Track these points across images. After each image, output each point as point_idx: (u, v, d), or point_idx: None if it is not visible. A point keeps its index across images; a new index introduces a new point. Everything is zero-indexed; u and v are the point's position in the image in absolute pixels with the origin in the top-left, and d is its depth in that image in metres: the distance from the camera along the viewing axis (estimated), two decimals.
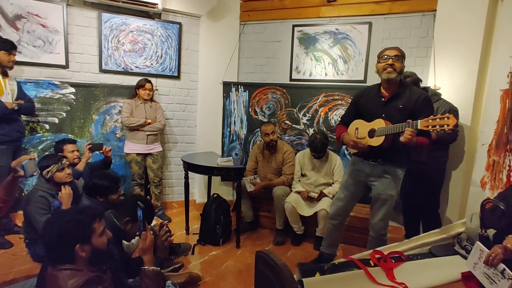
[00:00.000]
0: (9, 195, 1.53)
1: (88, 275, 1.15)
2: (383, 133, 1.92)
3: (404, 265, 1.61)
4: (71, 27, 3.08)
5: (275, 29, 3.57)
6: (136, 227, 1.66)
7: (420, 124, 1.74)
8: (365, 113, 2.11)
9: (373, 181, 2.10)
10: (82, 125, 3.23)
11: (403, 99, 1.96)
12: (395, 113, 1.94)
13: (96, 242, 1.22)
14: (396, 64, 1.92)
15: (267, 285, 1.24)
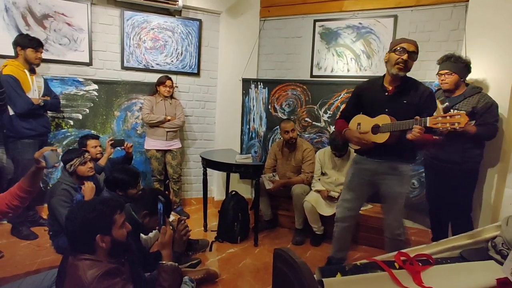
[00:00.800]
0: (32, 186, 1.56)
1: (107, 266, 1.14)
2: (388, 130, 1.83)
3: (432, 269, 1.50)
4: (95, 25, 3.15)
5: (296, 25, 3.50)
6: (154, 221, 1.65)
7: (429, 121, 1.66)
8: (367, 107, 2.01)
9: (381, 179, 2.00)
10: (104, 121, 3.30)
11: (407, 94, 1.88)
12: (399, 108, 1.85)
13: (116, 233, 1.22)
14: (410, 61, 1.83)
15: (285, 283, 1.19)
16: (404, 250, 1.59)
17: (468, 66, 2.37)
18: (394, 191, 1.97)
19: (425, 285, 1.38)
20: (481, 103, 2.27)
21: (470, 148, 2.32)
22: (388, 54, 1.92)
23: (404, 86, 1.90)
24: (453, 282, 1.43)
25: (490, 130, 2.27)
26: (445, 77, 2.35)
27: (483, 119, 2.26)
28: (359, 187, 2.11)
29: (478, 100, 2.28)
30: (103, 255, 1.18)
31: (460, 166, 2.33)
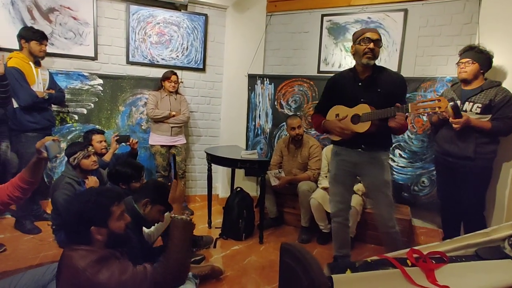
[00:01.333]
0: (34, 177, 1.53)
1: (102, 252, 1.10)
2: (370, 119, 1.84)
3: (446, 267, 1.43)
4: (100, 20, 3.13)
5: (303, 20, 3.44)
6: (156, 210, 1.61)
7: (411, 108, 1.72)
8: (341, 99, 2.00)
9: (363, 169, 2.00)
10: (109, 116, 3.28)
11: (380, 82, 1.90)
12: (374, 97, 1.87)
13: (113, 225, 1.17)
14: (376, 49, 1.85)
15: (293, 279, 1.13)
16: (416, 247, 1.52)
17: (490, 59, 2.29)
18: (377, 180, 1.96)
19: (440, 283, 1.31)
20: (499, 96, 2.18)
21: (483, 144, 2.24)
22: (353, 46, 1.93)
23: (376, 75, 1.92)
24: (469, 281, 1.36)
25: (508, 125, 2.18)
26: (465, 66, 2.27)
27: (501, 113, 2.18)
28: (344, 179, 2.10)
29: (496, 93, 2.20)
30: (99, 247, 1.14)
31: (473, 162, 2.25)
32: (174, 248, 1.22)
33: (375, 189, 1.99)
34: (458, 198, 2.40)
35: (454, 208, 2.47)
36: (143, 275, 1.11)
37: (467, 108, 2.27)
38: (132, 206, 1.61)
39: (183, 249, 1.22)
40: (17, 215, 2.72)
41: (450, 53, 2.86)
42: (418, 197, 2.92)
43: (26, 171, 1.52)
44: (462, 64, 2.30)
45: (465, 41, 2.81)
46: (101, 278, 1.04)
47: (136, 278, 1.09)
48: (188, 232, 1.31)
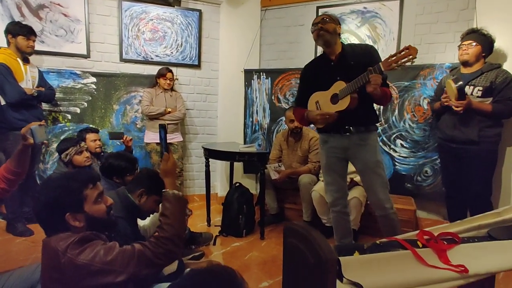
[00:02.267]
0: (20, 167, 1.45)
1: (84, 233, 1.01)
2: (347, 93, 1.79)
3: (458, 247, 1.35)
4: (92, 16, 3.08)
5: (298, 13, 3.40)
6: (151, 201, 1.53)
7: (382, 66, 1.67)
8: (318, 84, 1.97)
9: (353, 153, 1.95)
10: (103, 115, 3.20)
11: (351, 55, 1.89)
12: (349, 72, 1.82)
13: (90, 209, 1.08)
14: (324, 26, 1.83)
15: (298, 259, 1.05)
16: (427, 229, 1.45)
17: (492, 43, 2.26)
18: (369, 161, 1.91)
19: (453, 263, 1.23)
20: (500, 78, 2.14)
21: (487, 127, 2.19)
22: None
23: (345, 51, 1.91)
24: (483, 262, 1.28)
25: (509, 107, 2.13)
26: (467, 47, 2.22)
27: (502, 95, 2.14)
28: (336, 166, 2.04)
29: (497, 75, 2.16)
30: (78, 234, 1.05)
31: (477, 146, 2.20)
32: (165, 221, 1.14)
33: (368, 170, 1.93)
34: (464, 184, 2.34)
35: (460, 195, 2.40)
36: (131, 253, 1.03)
37: (468, 92, 2.23)
38: (126, 196, 1.53)
39: (174, 223, 1.13)
40: (8, 218, 2.62)
41: (448, 40, 2.82)
42: (421, 188, 2.85)
43: (11, 160, 1.44)
44: (465, 46, 2.25)
45: (463, 27, 2.77)
46: (83, 258, 0.96)
47: (123, 257, 1.01)
48: (181, 207, 1.22)
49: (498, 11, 2.46)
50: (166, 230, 1.13)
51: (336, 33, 1.89)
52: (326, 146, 2.05)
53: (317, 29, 1.85)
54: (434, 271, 1.19)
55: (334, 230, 2.19)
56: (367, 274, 1.15)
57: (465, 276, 1.18)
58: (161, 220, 1.17)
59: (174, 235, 1.12)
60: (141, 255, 1.05)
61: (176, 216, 1.16)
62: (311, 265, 0.97)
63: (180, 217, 1.20)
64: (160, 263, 1.10)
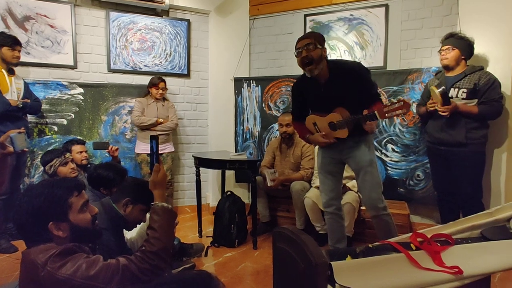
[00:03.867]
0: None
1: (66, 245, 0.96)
2: (344, 126, 1.89)
3: (452, 249, 1.33)
4: (79, 27, 3.06)
5: (286, 21, 3.44)
6: (138, 210, 1.47)
7: (378, 115, 1.76)
8: (312, 104, 2.04)
9: (348, 153, 1.98)
10: (91, 126, 3.15)
11: (339, 77, 1.86)
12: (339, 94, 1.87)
13: (75, 218, 1.03)
14: (311, 53, 1.80)
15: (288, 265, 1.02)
16: (420, 231, 1.42)
17: (471, 45, 2.30)
18: (362, 160, 1.92)
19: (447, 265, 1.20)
20: (483, 79, 2.18)
21: (474, 129, 2.22)
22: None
23: (333, 72, 1.88)
24: (477, 263, 1.26)
25: (495, 108, 2.17)
26: (445, 52, 2.27)
27: (487, 96, 2.17)
28: (331, 167, 2.06)
29: (480, 77, 2.20)
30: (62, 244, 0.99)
31: (465, 148, 2.22)
32: (152, 235, 1.09)
33: (360, 169, 1.94)
34: (455, 187, 2.34)
35: (452, 198, 2.40)
36: (115, 268, 0.97)
37: (452, 94, 2.26)
38: (111, 207, 1.48)
39: (162, 237, 1.08)
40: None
41: (434, 44, 2.87)
42: (414, 192, 2.84)
43: None
44: (443, 51, 2.31)
45: (446, 32, 2.81)
46: (64, 272, 0.90)
47: (107, 272, 0.95)
48: (169, 220, 1.17)
49: (480, 15, 2.52)
50: (153, 244, 1.08)
51: (322, 58, 1.84)
52: (323, 148, 2.08)
53: (302, 57, 1.83)
54: (428, 273, 1.16)
55: (329, 233, 2.17)
56: (360, 279, 1.12)
57: (459, 278, 1.16)
58: (149, 233, 1.12)
59: (162, 249, 1.07)
60: (126, 270, 1.00)
61: (164, 230, 1.11)
62: (301, 270, 0.93)
63: (169, 230, 1.15)
64: (146, 279, 1.04)
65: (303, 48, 1.82)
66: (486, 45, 2.47)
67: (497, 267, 1.26)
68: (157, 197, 1.18)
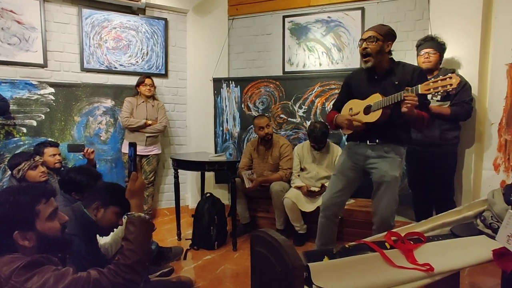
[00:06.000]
0: None
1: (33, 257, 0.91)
2: (380, 107, 1.74)
3: (424, 246, 1.38)
4: (49, 24, 2.92)
5: (265, 22, 3.44)
6: (111, 213, 1.41)
7: (420, 88, 1.61)
8: (358, 94, 1.93)
9: (374, 163, 1.87)
10: (63, 127, 3.02)
11: (397, 74, 1.82)
12: (390, 90, 1.76)
13: (42, 227, 0.97)
14: (370, 46, 1.78)
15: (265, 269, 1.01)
16: (394, 230, 1.47)
17: (445, 50, 2.39)
18: (387, 175, 1.82)
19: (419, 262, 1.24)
20: None
21: (447, 130, 2.32)
22: None
23: (393, 68, 1.85)
24: (448, 259, 1.31)
25: (465, 109, 2.27)
26: (428, 55, 2.33)
27: (458, 98, 2.27)
28: (350, 172, 1.97)
29: None
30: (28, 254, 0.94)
31: (439, 148, 2.31)
32: (127, 247, 1.05)
33: (383, 183, 1.84)
34: (428, 186, 2.43)
35: (425, 197, 2.49)
36: (85, 282, 0.92)
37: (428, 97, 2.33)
38: (82, 212, 1.42)
39: (137, 249, 1.04)
40: None
41: (407, 47, 2.96)
42: None
43: None
44: (426, 54, 2.35)
45: (419, 36, 2.90)
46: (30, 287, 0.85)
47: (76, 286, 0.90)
48: (146, 230, 1.13)
49: (450, 20, 2.62)
50: (127, 256, 1.03)
51: (382, 52, 1.80)
52: (348, 151, 2.00)
53: (361, 49, 1.82)
54: (402, 271, 1.20)
55: (318, 235, 2.09)
56: (336, 279, 1.14)
57: (431, 275, 1.20)
58: (123, 245, 1.07)
59: (136, 262, 1.03)
60: (97, 284, 0.95)
61: (140, 241, 1.07)
62: (278, 273, 0.93)
63: (145, 242, 1.10)
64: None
65: (364, 40, 1.81)
66: (455, 48, 2.58)
67: (465, 263, 1.32)
68: (134, 206, 1.13)
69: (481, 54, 2.50)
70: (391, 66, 1.85)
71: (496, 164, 2.46)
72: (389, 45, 1.83)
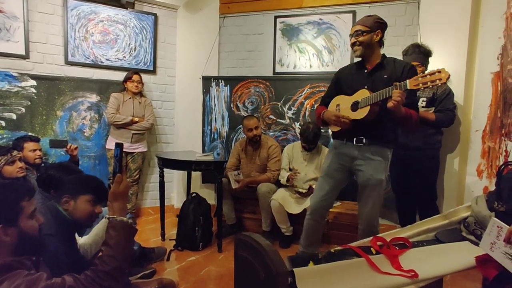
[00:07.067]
0: None
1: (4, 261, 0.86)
2: (367, 103, 1.71)
3: (409, 252, 1.38)
4: (32, 14, 2.81)
5: (257, 21, 3.42)
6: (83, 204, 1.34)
7: (409, 83, 1.56)
8: (346, 88, 1.91)
9: (360, 165, 1.86)
10: (45, 122, 2.91)
11: (387, 69, 1.81)
12: (379, 84, 1.75)
13: (25, 224, 0.93)
14: (359, 39, 1.79)
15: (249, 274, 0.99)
16: (379, 235, 1.46)
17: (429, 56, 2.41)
18: (372, 178, 1.83)
19: (404, 268, 1.24)
20: (440, 89, 2.33)
21: (430, 135, 2.36)
22: None
23: (383, 63, 1.84)
24: (432, 265, 1.31)
25: (449, 116, 2.32)
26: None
27: (443, 105, 2.31)
28: (337, 174, 1.96)
29: (438, 87, 2.32)
30: (6, 252, 0.89)
31: (422, 152, 2.35)
32: (107, 253, 1.00)
33: (368, 186, 1.85)
34: (412, 190, 2.46)
35: (409, 200, 2.52)
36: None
37: None
38: (57, 209, 1.35)
39: (117, 255, 0.99)
40: None
41: (397, 52, 2.94)
42: None
43: None
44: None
45: (408, 41, 2.94)
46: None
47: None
48: (127, 235, 1.08)
49: (439, 27, 2.66)
50: (106, 262, 0.98)
51: (372, 44, 1.80)
52: (335, 151, 1.98)
53: (351, 42, 1.82)
54: (387, 277, 1.19)
55: (303, 236, 2.07)
56: (322, 285, 1.12)
57: (415, 281, 1.19)
58: (103, 250, 1.02)
59: (116, 269, 0.98)
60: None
61: (121, 247, 1.02)
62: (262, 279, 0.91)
63: (126, 248, 1.05)
64: None
65: (352, 35, 1.82)
66: (443, 55, 2.61)
67: (449, 270, 1.32)
68: (117, 210, 1.07)
69: (467, 62, 2.54)
70: (382, 61, 1.84)
71: (480, 170, 2.50)
72: (378, 34, 1.81)
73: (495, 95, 2.43)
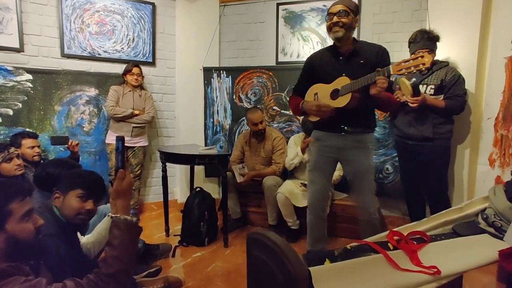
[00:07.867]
0: None
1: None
2: (349, 90, 1.68)
3: (428, 246, 1.32)
4: (25, 5, 2.70)
5: (258, 9, 3.30)
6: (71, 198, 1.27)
7: (392, 69, 1.55)
8: (322, 76, 1.85)
9: (347, 155, 1.84)
10: (42, 117, 2.83)
11: (362, 54, 1.78)
12: (357, 70, 1.71)
13: (13, 228, 0.86)
14: (342, 20, 1.70)
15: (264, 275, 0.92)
16: (396, 229, 1.39)
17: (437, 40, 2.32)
18: (362, 165, 1.82)
19: (424, 264, 1.17)
20: (449, 75, 2.24)
21: (440, 124, 2.28)
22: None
23: (358, 47, 1.80)
24: (453, 260, 1.25)
25: (459, 103, 2.24)
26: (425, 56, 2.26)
27: (452, 91, 2.23)
28: (324, 166, 1.93)
29: (446, 72, 2.25)
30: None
31: (432, 142, 2.27)
32: (110, 254, 0.93)
33: (359, 175, 1.84)
34: (421, 181, 2.39)
35: (418, 192, 2.46)
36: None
37: (421, 91, 2.29)
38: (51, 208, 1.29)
39: (121, 256, 0.93)
40: None
41: (404, 39, 2.85)
42: (383, 185, 2.87)
43: None
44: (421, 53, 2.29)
45: (416, 27, 2.82)
46: None
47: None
48: (132, 235, 1.01)
49: (448, 11, 2.55)
50: (110, 264, 0.92)
51: (352, 27, 1.75)
52: (318, 143, 1.93)
53: (332, 22, 1.72)
54: (407, 274, 1.12)
55: (308, 233, 2.05)
56: (339, 284, 1.05)
57: (437, 278, 1.12)
58: (106, 251, 0.96)
59: (120, 271, 0.92)
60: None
61: (125, 247, 0.96)
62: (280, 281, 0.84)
63: (130, 248, 0.99)
64: None
65: (335, 14, 1.71)
66: (454, 40, 2.51)
67: (472, 265, 1.25)
68: (120, 208, 1.00)
69: (479, 47, 2.44)
70: (355, 45, 1.80)
71: (492, 159, 2.42)
72: (356, 20, 1.77)
73: (509, 81, 2.33)
